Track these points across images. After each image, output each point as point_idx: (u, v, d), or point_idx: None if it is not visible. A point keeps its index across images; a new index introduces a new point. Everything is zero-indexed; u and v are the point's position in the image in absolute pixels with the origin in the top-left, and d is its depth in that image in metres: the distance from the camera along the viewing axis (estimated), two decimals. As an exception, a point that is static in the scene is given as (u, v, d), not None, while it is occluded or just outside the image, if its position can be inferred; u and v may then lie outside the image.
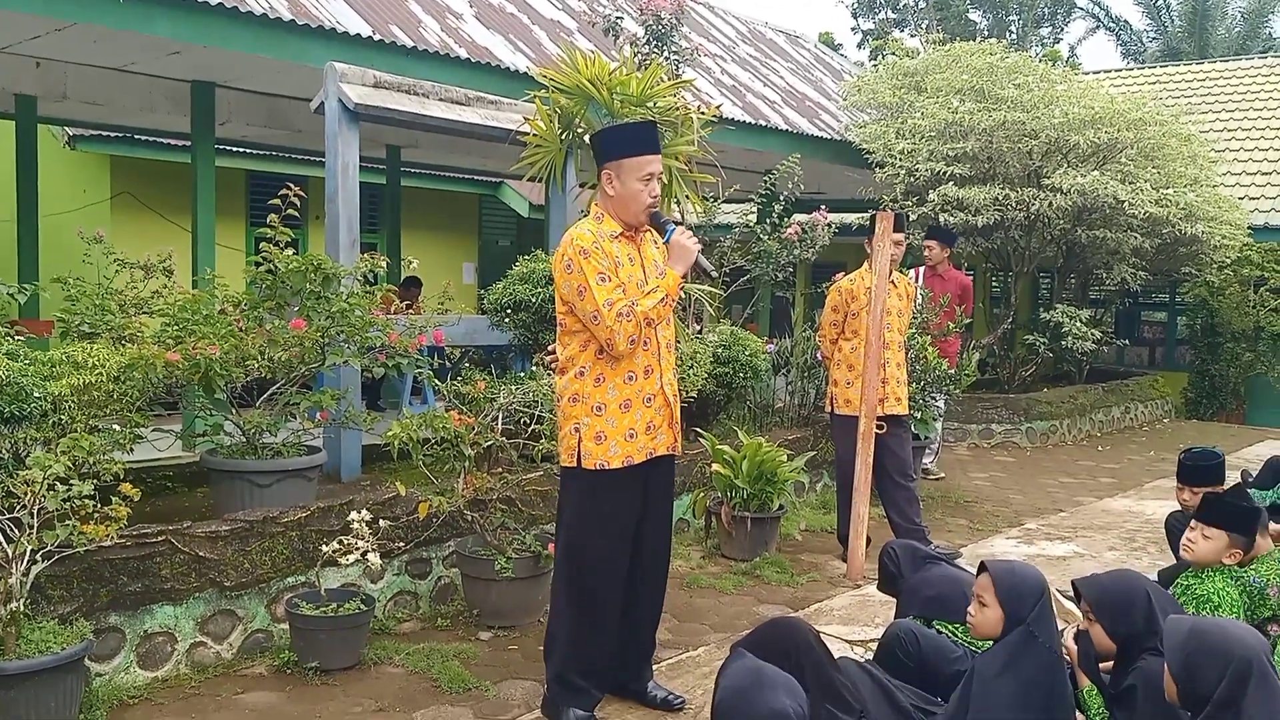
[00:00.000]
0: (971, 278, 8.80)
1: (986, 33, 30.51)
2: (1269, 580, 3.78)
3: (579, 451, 3.68)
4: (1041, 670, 2.99)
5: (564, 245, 3.67)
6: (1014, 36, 31.68)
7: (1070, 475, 9.24)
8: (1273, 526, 4.10)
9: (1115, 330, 13.73)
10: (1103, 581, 3.22)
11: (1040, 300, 14.81)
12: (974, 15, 32.42)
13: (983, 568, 3.21)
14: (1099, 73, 19.93)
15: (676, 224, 3.71)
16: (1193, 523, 3.75)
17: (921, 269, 8.72)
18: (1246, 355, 13.50)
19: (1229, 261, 12.52)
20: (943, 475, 8.69)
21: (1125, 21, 32.15)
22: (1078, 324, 10.75)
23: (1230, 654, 2.63)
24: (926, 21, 32.27)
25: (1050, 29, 32.96)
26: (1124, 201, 9.70)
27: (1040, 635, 3.00)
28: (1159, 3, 30.36)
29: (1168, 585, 3.91)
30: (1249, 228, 12.69)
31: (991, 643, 3.12)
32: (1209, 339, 13.86)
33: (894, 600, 4.10)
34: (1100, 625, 3.15)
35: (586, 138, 5.75)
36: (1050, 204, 9.80)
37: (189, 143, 7.65)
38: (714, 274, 3.66)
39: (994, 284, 14.32)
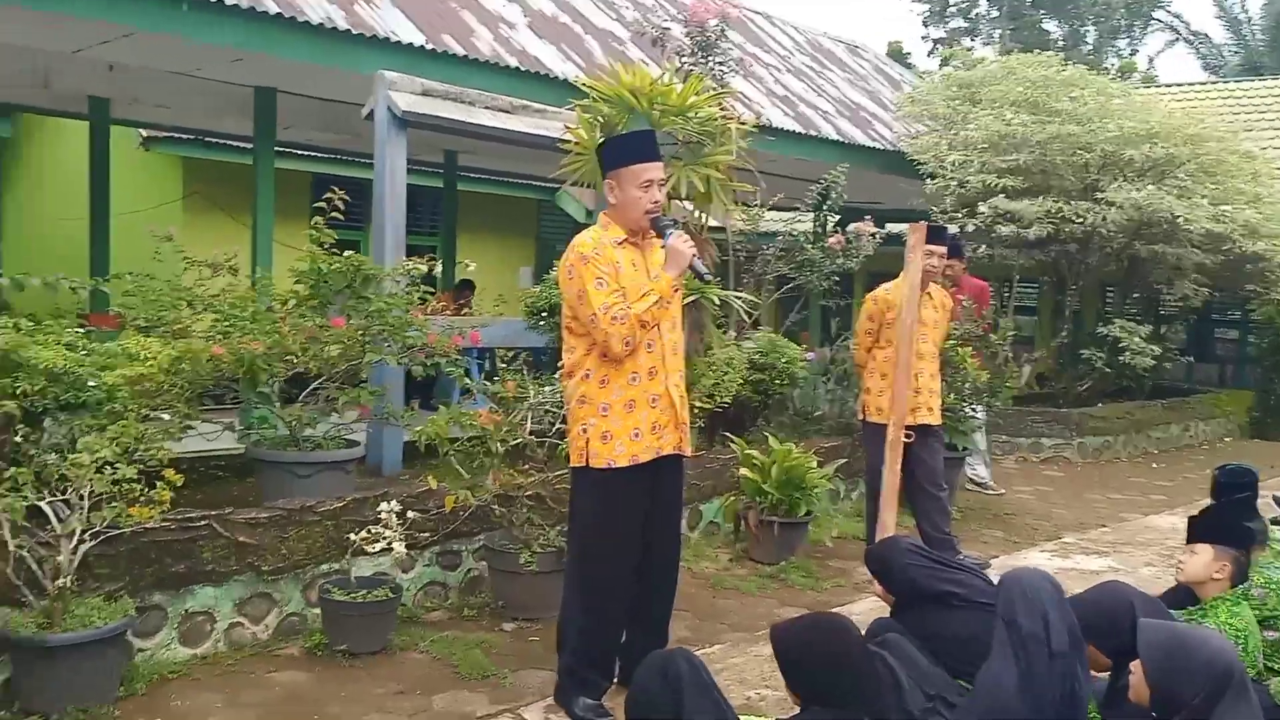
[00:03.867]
0: (986, 283, 8.75)
1: (1061, 43, 30.06)
2: (1263, 586, 3.75)
3: (587, 451, 3.82)
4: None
5: (567, 252, 3.84)
6: (1089, 47, 31.17)
7: (1119, 492, 9.13)
8: None
9: (1186, 347, 13.46)
10: (1085, 599, 3.24)
11: (1104, 315, 14.59)
12: (1049, 25, 31.95)
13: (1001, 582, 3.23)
14: (1173, 86, 19.56)
15: (676, 226, 3.81)
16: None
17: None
18: (1315, 374, 13.16)
19: (1297, 279, 12.22)
20: (1002, 491, 8.64)
21: (1205, 35, 31.43)
22: (1136, 339, 10.60)
23: (1212, 665, 2.66)
24: (999, 31, 31.89)
25: (1127, 40, 32.35)
26: (1180, 217, 9.55)
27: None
28: (1240, 16, 29.62)
29: (1172, 607, 3.90)
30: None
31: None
32: (1275, 357, 13.53)
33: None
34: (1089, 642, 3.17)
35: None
36: (1105, 218, 9.70)
37: (251, 145, 7.94)
38: (708, 277, 3.77)
39: (1058, 296, 14.13)
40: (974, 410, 7.81)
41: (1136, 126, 9.71)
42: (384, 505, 4.55)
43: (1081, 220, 9.85)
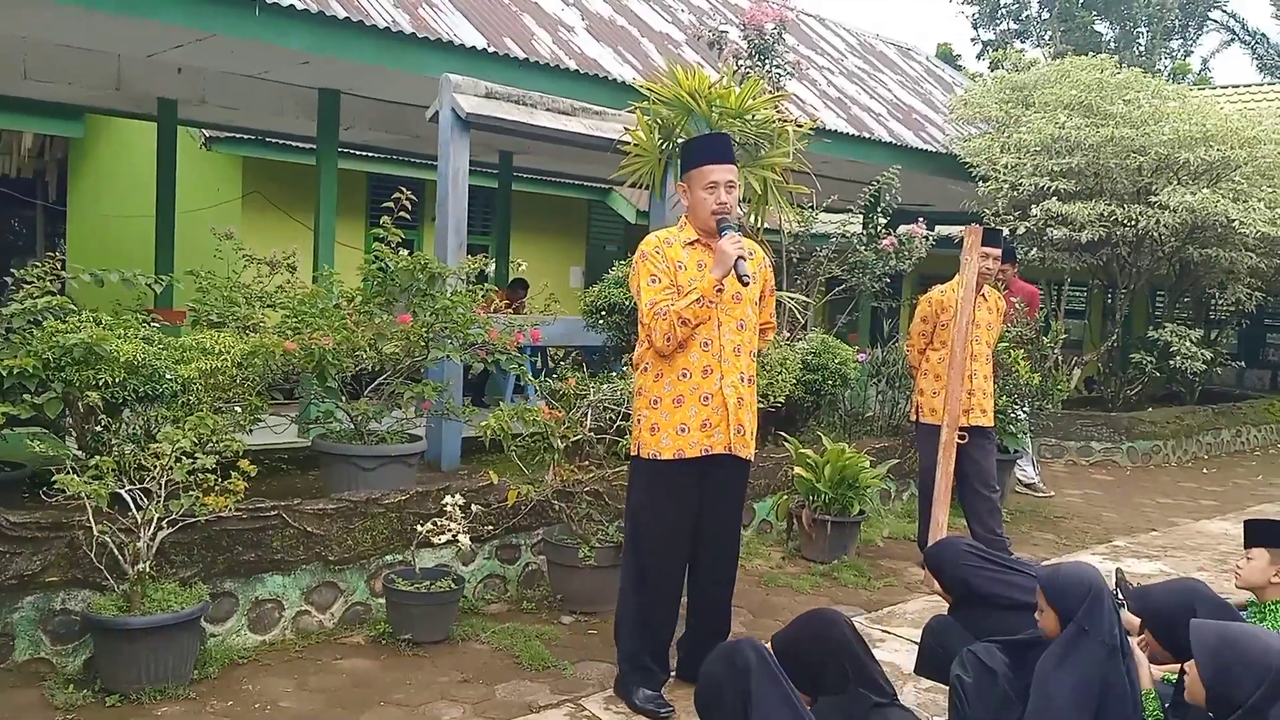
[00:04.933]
0: (1037, 286, 8.74)
1: (1113, 45, 29.69)
2: None
3: (639, 442, 3.98)
4: (1094, 664, 3.06)
5: (637, 251, 3.96)
6: (1141, 49, 30.76)
7: (1169, 496, 9.07)
8: None
9: (1237, 352, 13.28)
10: (1153, 594, 3.28)
11: (1154, 319, 14.45)
12: (1100, 27, 31.56)
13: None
14: (1229, 88, 19.27)
15: (735, 228, 3.87)
16: None
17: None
18: (1372, 382, 12.95)
19: (1354, 284, 12.04)
20: (1052, 494, 8.63)
21: (1262, 34, 30.89)
22: (1187, 343, 10.51)
23: (1269, 663, 2.69)
24: (1050, 32, 31.56)
25: (1181, 41, 31.88)
26: (1235, 221, 9.46)
27: (1091, 630, 3.07)
28: (1299, 14, 29.09)
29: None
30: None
31: None
32: (1331, 364, 13.34)
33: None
34: (1151, 635, 3.21)
35: (682, 148, 5.95)
36: (1158, 221, 9.63)
37: (314, 145, 8.12)
38: (748, 279, 3.82)
39: (1108, 300, 14.02)
40: (1019, 411, 7.81)
41: (1191, 129, 9.62)
42: (448, 498, 4.66)
43: (1134, 223, 9.79)
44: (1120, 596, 5.04)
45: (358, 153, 11.15)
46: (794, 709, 2.62)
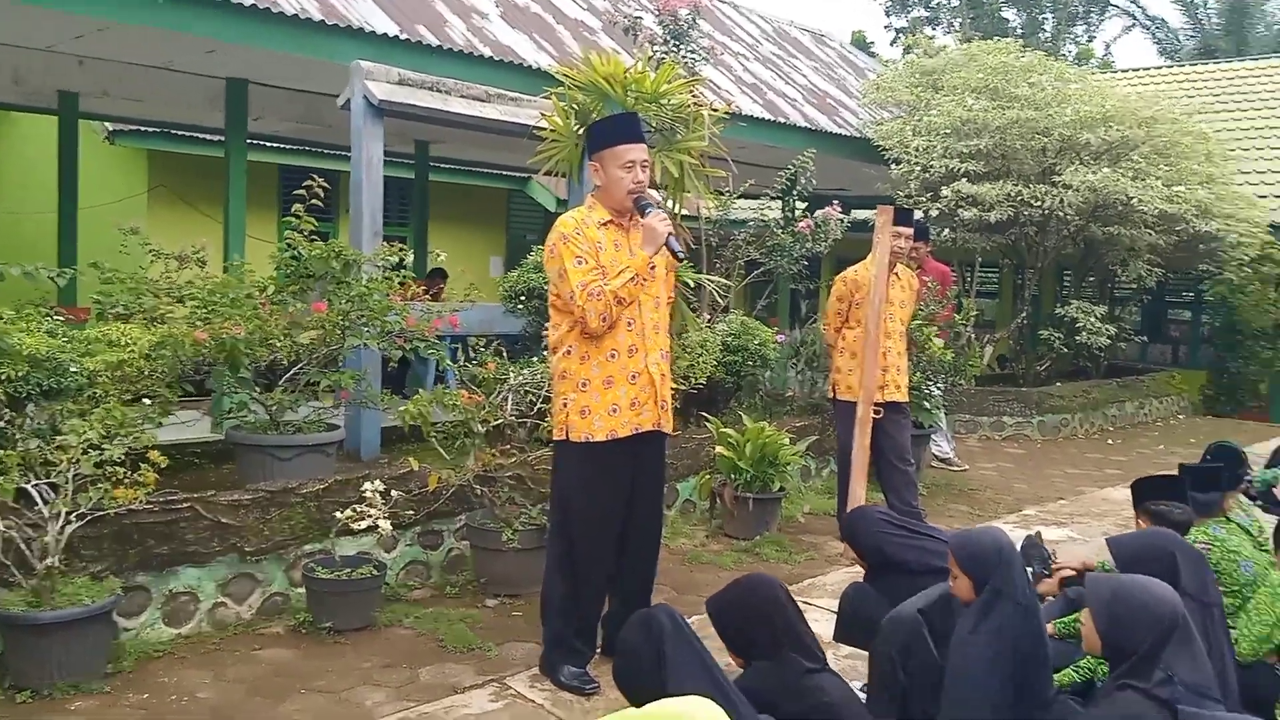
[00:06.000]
0: (950, 267, 9.00)
1: (1020, 30, 30.42)
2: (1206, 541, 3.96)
3: (567, 425, 3.96)
4: (1010, 625, 3.16)
5: (550, 232, 3.97)
6: (1047, 34, 31.57)
7: (1077, 466, 9.38)
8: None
9: (1140, 327, 13.75)
10: (1130, 544, 3.41)
11: (1061, 297, 14.89)
12: (1007, 13, 32.31)
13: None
14: (1129, 71, 19.91)
15: (656, 206, 3.93)
16: None
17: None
18: (1266, 353, 13.49)
19: (1249, 259, 12.52)
20: (966, 467, 8.85)
21: (1161, 19, 31.93)
22: (1092, 320, 10.86)
23: (1159, 613, 2.82)
24: (959, 19, 32.23)
25: (1085, 27, 32.79)
26: (1134, 199, 9.81)
27: (1005, 591, 3.18)
28: (1196, 0, 30.10)
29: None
30: (1271, 226, 12.70)
31: None
32: (1229, 336, 13.86)
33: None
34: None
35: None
36: (1063, 200, 9.93)
37: (223, 138, 7.96)
38: (682, 255, 3.89)
39: (1018, 280, 14.40)
40: (936, 388, 8.00)
41: (1092, 110, 9.95)
42: (368, 485, 4.64)
43: (1040, 203, 10.08)
44: (1035, 562, 5.22)
45: (268, 144, 10.95)
46: (710, 672, 2.67)
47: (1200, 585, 3.41)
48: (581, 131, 6.45)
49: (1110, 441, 11.06)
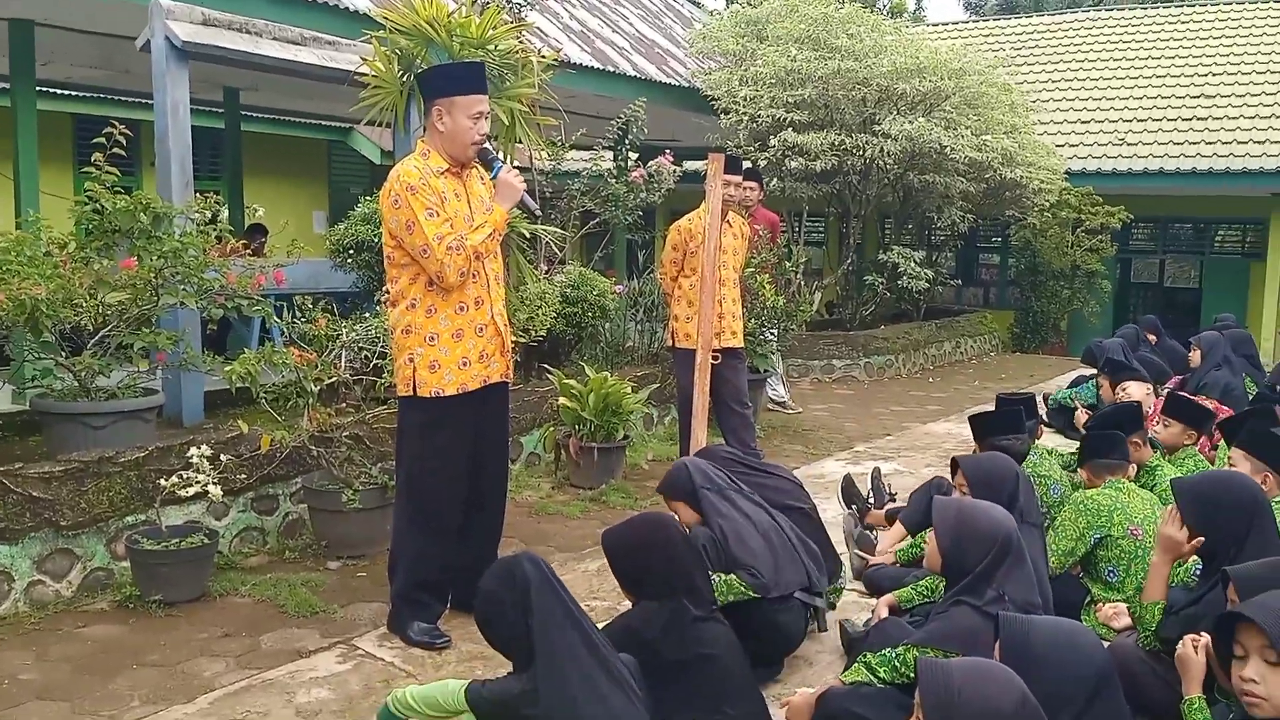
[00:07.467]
0: (779, 216, 9.25)
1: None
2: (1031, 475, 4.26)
3: (414, 381, 3.83)
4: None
5: (391, 181, 3.79)
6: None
7: (901, 404, 9.84)
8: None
9: (955, 272, 14.44)
10: (979, 466, 3.58)
11: (883, 243, 15.49)
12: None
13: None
14: (939, 25, 20.74)
15: (499, 160, 3.86)
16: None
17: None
18: (1065, 292, 14.48)
19: (1049, 205, 13.34)
20: (800, 409, 9.12)
21: (966, -24, 33.34)
22: (912, 264, 11.34)
23: (995, 535, 3.00)
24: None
25: (897, -19, 33.90)
26: (947, 147, 10.25)
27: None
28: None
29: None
30: (1067, 173, 13.57)
31: None
32: (1032, 278, 14.81)
33: None
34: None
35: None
36: (882, 149, 10.28)
37: (6, 85, 7.30)
38: (538, 212, 3.85)
39: (843, 228, 14.89)
40: (770, 334, 8.20)
41: (907, 62, 10.30)
42: (194, 450, 4.39)
43: (862, 152, 10.41)
44: (856, 499, 5.48)
45: (60, 92, 10.14)
46: (576, 621, 2.65)
47: (1031, 508, 3.65)
48: (406, 78, 6.25)
49: (931, 380, 11.65)
